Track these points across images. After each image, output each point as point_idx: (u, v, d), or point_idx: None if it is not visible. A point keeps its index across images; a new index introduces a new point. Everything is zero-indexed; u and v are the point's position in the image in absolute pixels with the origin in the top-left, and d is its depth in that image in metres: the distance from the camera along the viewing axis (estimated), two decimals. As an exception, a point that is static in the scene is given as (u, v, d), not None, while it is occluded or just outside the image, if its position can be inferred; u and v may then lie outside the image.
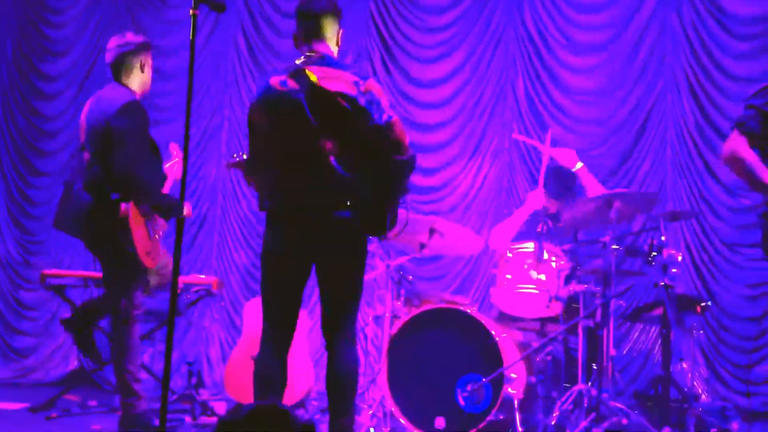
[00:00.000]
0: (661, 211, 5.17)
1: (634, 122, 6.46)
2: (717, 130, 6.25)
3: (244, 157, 3.65)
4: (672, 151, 6.37)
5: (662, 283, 4.72)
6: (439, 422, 4.72)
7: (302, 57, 3.55)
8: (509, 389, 4.67)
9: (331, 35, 3.58)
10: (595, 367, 4.85)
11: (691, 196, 6.27)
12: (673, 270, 4.74)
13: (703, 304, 5.41)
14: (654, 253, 4.72)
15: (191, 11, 3.01)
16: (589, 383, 4.82)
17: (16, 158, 7.59)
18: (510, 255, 5.09)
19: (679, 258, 4.77)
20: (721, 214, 6.18)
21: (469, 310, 4.87)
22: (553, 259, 5.02)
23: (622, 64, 6.53)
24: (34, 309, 7.40)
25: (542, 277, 4.98)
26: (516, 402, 4.71)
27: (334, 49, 3.60)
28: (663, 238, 4.72)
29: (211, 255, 7.23)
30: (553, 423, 4.67)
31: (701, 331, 5.88)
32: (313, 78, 3.41)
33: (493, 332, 4.74)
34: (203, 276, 5.97)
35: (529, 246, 5.06)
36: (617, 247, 4.78)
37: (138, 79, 4.46)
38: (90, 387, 6.68)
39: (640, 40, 6.50)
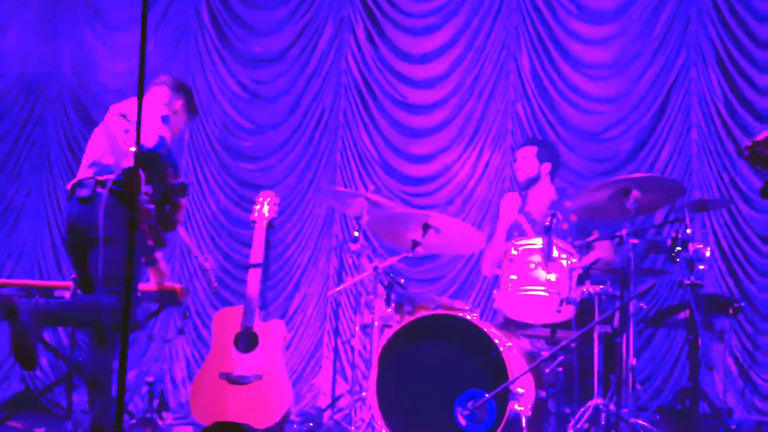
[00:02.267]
0: (687, 201, 5.17)
1: (653, 100, 6.47)
2: (750, 108, 6.26)
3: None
4: (698, 132, 6.37)
5: (688, 282, 4.71)
6: (437, 445, 4.71)
7: None
8: (516, 406, 4.67)
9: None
10: (613, 379, 4.85)
11: (720, 183, 6.27)
12: (701, 267, 4.74)
13: (735, 305, 5.41)
14: (678, 249, 4.72)
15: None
16: (607, 397, 4.82)
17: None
18: (515, 252, 5.08)
19: (708, 253, 4.76)
20: (756, 203, 6.19)
21: (469, 317, 4.86)
22: (564, 256, 5.01)
23: (639, 32, 6.53)
24: (-28, 324, 7.35)
25: (552, 277, 4.97)
26: (524, 420, 4.70)
27: None
28: (689, 231, 4.72)
29: (173, 258, 7.21)
30: (566, 443, 4.67)
31: (734, 336, 5.89)
32: None
33: (496, 341, 4.73)
34: (165, 283, 5.93)
35: (537, 242, 5.05)
36: (636, 241, 4.78)
37: None
38: (37, 411, 6.65)
39: (660, 5, 6.50)
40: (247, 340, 5.15)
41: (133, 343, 6.85)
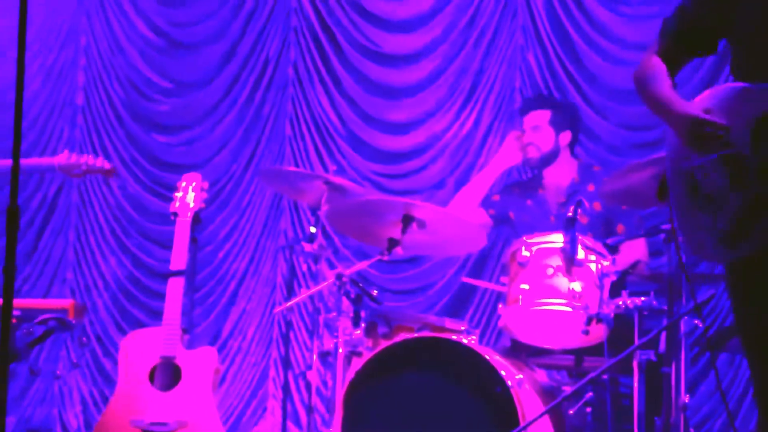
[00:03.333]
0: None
1: (712, 46, 6.50)
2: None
3: None
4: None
5: (758, 292, 4.75)
6: None
7: None
8: (529, 459, 4.72)
9: None
10: (658, 422, 4.90)
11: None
12: (775, 271, 4.79)
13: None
14: (745, 246, 4.76)
15: None
16: (651, 446, 4.88)
17: None
18: (527, 254, 5.11)
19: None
20: None
21: (465, 341, 4.89)
22: (593, 258, 5.05)
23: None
24: None
25: (576, 286, 5.01)
26: (540, 478, 4.76)
27: None
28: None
29: (65, 265, 7.20)
30: None
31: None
32: None
33: (503, 373, 4.76)
34: (53, 298, 5.93)
35: (556, 240, 5.09)
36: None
37: None
38: None
39: None
40: (166, 375, 5.16)
41: (10, 380, 6.83)
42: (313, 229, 5.62)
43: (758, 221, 2.97)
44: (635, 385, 4.95)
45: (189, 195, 5.46)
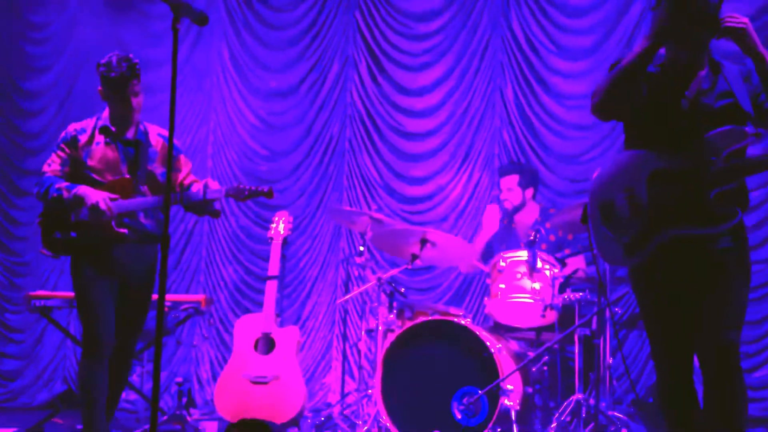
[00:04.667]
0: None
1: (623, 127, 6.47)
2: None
3: None
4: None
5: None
6: (436, 436, 4.71)
7: None
8: (506, 401, 4.68)
9: None
10: (592, 376, 4.86)
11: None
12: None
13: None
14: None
15: (173, 25, 3.02)
16: (587, 392, 4.83)
17: (-1, 178, 7.58)
18: (503, 264, 5.10)
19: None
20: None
21: (463, 322, 4.87)
22: (547, 267, 5.03)
23: (612, 67, 6.54)
24: (20, 331, 7.37)
25: (536, 285, 4.99)
26: (513, 414, 4.71)
27: None
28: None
29: (198, 272, 7.21)
30: (551, 434, 4.66)
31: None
32: None
33: (488, 343, 4.73)
34: (191, 294, 5.95)
35: (522, 255, 5.07)
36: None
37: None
38: (78, 410, 6.64)
39: (630, 42, 6.53)
40: (265, 344, 5.16)
41: (163, 348, 6.84)
42: (361, 248, 5.62)
43: (650, 239, 2.94)
44: (576, 351, 4.92)
45: (280, 226, 5.46)
